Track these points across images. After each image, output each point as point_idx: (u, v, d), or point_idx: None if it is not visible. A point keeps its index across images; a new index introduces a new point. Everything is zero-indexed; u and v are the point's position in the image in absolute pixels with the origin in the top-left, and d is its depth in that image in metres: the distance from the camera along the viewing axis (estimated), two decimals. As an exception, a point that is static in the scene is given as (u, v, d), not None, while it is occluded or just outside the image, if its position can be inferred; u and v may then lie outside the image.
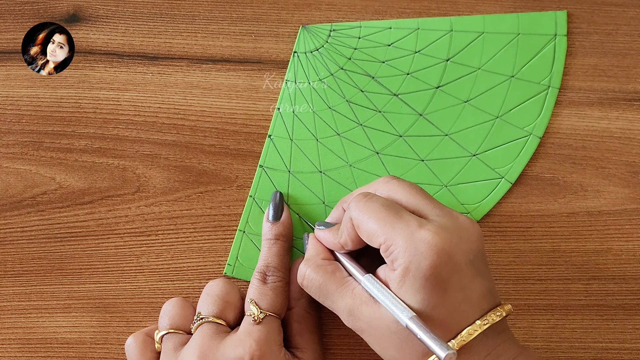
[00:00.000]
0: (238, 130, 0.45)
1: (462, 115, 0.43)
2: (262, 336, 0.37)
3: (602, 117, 0.45)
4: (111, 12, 0.45)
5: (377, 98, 0.44)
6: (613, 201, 0.44)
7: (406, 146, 0.43)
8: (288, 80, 0.44)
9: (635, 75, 0.46)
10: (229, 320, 0.39)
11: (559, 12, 0.44)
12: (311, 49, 0.44)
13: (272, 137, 0.44)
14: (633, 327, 0.44)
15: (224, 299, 0.39)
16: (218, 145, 0.44)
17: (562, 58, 0.44)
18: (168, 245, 0.44)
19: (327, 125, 0.44)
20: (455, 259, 0.33)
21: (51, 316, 0.43)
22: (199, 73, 0.45)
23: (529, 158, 0.44)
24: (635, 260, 0.44)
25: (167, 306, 0.40)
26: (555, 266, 0.44)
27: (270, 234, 0.41)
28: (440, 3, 0.46)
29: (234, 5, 0.45)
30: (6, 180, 0.44)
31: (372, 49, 0.44)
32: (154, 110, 0.45)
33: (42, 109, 0.44)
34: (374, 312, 0.34)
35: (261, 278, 0.39)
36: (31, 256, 0.43)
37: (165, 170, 0.44)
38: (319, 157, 0.44)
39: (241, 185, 0.44)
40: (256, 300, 0.38)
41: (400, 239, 0.33)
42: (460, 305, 0.33)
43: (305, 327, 0.40)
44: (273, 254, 0.41)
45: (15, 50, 0.45)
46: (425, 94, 0.44)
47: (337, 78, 0.44)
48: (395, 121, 0.44)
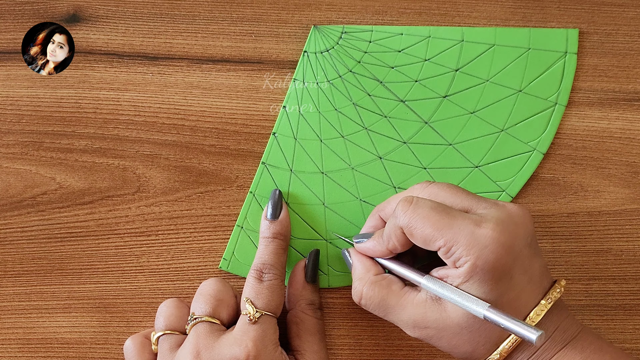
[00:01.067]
0: (238, 130, 0.45)
1: (468, 126, 0.43)
2: (258, 335, 0.37)
3: (602, 117, 0.45)
4: (111, 12, 0.45)
5: (384, 103, 0.44)
6: (613, 201, 0.44)
7: (409, 153, 0.43)
8: (296, 79, 0.44)
9: (635, 75, 0.46)
10: (223, 318, 0.39)
11: (570, 30, 0.44)
12: (321, 50, 0.44)
13: (276, 134, 0.44)
14: (633, 327, 0.44)
15: (216, 298, 0.39)
16: (218, 146, 0.44)
17: (571, 76, 0.44)
18: (168, 245, 0.44)
19: (332, 126, 0.44)
20: (515, 247, 0.34)
21: (51, 316, 0.43)
22: (199, 73, 0.45)
23: (531, 173, 0.44)
24: (635, 261, 0.44)
25: (163, 307, 0.40)
26: (556, 266, 0.44)
27: (268, 232, 0.41)
28: (441, 3, 0.46)
29: (234, 5, 0.45)
30: (6, 180, 0.44)
31: (382, 54, 0.44)
32: (154, 110, 0.45)
33: (42, 109, 0.44)
34: (440, 314, 0.35)
35: (257, 276, 0.39)
36: (31, 256, 0.43)
37: (165, 170, 0.44)
38: (321, 157, 0.44)
39: (241, 185, 0.44)
40: (252, 299, 0.38)
41: (462, 238, 0.34)
42: (525, 287, 0.34)
43: (303, 329, 0.40)
44: (270, 252, 0.40)
45: (15, 50, 0.45)
46: (432, 102, 0.44)
47: (345, 80, 0.44)
48: (401, 127, 0.44)
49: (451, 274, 0.35)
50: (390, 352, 0.43)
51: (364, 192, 0.43)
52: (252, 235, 0.43)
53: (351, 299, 0.43)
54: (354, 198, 0.43)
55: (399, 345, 0.43)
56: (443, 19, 0.46)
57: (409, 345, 0.43)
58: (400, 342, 0.43)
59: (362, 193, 0.43)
